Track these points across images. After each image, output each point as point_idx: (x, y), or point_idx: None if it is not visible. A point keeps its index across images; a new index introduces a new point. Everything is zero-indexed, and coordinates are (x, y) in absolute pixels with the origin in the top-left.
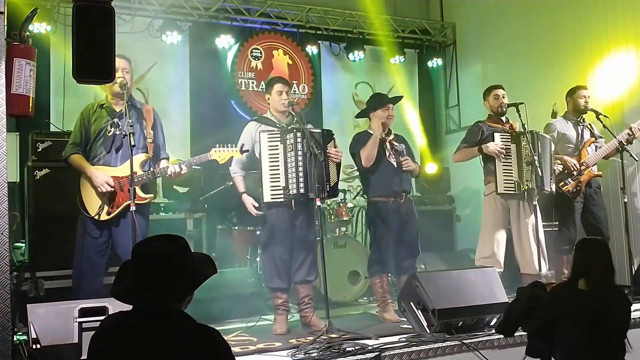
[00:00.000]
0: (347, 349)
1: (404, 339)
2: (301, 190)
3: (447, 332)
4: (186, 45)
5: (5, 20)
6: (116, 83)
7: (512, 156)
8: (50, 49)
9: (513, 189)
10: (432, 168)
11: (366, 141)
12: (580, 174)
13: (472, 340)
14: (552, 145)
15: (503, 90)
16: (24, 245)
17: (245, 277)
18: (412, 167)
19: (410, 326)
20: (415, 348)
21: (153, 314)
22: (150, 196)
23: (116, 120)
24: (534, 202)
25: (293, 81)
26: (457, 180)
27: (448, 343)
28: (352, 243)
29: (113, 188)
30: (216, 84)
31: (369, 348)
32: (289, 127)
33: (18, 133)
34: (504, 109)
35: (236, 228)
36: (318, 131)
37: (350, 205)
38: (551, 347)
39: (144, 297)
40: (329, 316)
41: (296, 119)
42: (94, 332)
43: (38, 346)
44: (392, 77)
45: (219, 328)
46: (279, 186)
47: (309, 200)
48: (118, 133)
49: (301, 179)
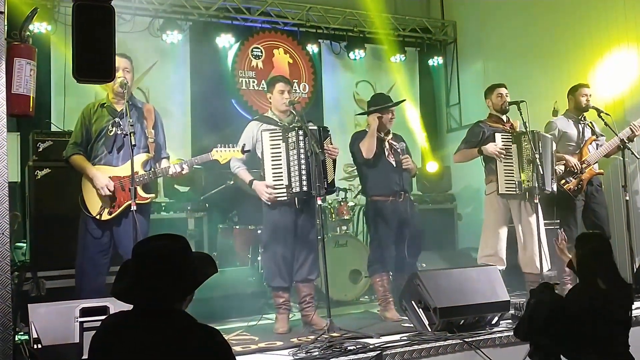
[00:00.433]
0: (349, 348)
1: (406, 338)
2: (304, 188)
3: (449, 331)
4: (187, 44)
5: (5, 20)
6: (117, 82)
7: (513, 156)
8: (50, 49)
9: (514, 189)
10: (433, 167)
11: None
12: (581, 172)
13: (474, 338)
14: (554, 144)
15: (506, 88)
16: (26, 245)
17: (246, 276)
18: (412, 166)
19: (411, 325)
20: (416, 347)
21: (154, 314)
22: (151, 196)
23: (117, 119)
24: (535, 201)
25: (294, 80)
26: (458, 178)
27: (449, 342)
28: (353, 242)
29: (113, 192)
30: (217, 83)
31: (371, 347)
32: (291, 126)
33: (19, 133)
34: (507, 107)
35: (237, 227)
36: (315, 128)
37: (351, 204)
38: (555, 349)
39: (145, 297)
40: (330, 315)
41: (297, 118)
42: (95, 332)
43: (39, 346)
44: (393, 76)
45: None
46: (282, 185)
47: (311, 198)
48: (119, 132)
49: (304, 177)
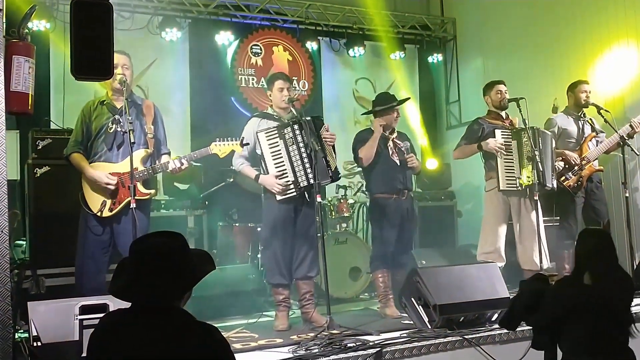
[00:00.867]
0: (349, 345)
1: (405, 335)
2: (310, 181)
3: (449, 328)
4: (186, 42)
5: (3, 17)
6: (116, 79)
7: (513, 152)
8: (49, 47)
9: (515, 186)
10: (433, 164)
11: (368, 140)
12: (581, 169)
13: (474, 335)
14: (553, 141)
15: (504, 85)
16: (25, 242)
17: (246, 274)
18: (416, 165)
19: (411, 322)
20: (416, 344)
21: (152, 311)
22: (151, 191)
23: (117, 117)
24: (535, 198)
25: (293, 77)
26: (458, 175)
27: (449, 338)
28: (353, 239)
29: (116, 182)
30: (216, 81)
31: (370, 344)
32: (285, 122)
33: (18, 131)
34: (506, 104)
35: (237, 225)
36: (308, 119)
37: (351, 201)
38: (556, 342)
39: (143, 294)
40: (330, 312)
41: (297, 116)
42: (93, 330)
43: (39, 344)
44: (393, 73)
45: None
46: (289, 181)
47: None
48: (119, 130)
49: (308, 170)
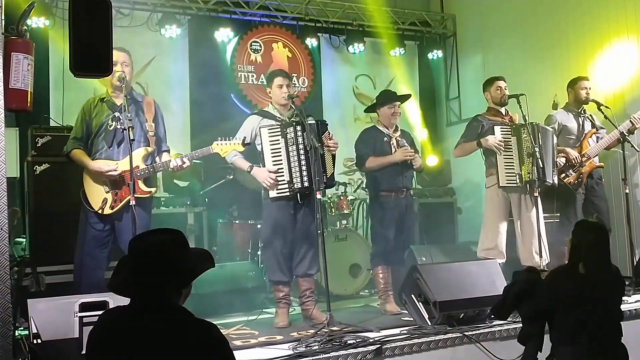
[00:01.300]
0: (349, 342)
1: (405, 332)
2: (305, 183)
3: (449, 324)
4: (185, 38)
5: (2, 14)
6: (115, 76)
7: (513, 149)
8: (49, 44)
9: (515, 182)
10: (433, 160)
11: (374, 141)
12: (581, 166)
13: (474, 332)
14: (555, 138)
15: (504, 81)
16: (25, 240)
17: (246, 271)
18: (419, 163)
19: (411, 318)
20: (416, 340)
21: (151, 308)
22: (152, 189)
23: (117, 114)
24: (535, 194)
25: (293, 74)
26: (458, 172)
27: (449, 335)
28: (353, 236)
29: (119, 171)
30: (216, 78)
31: (370, 341)
32: (290, 121)
33: (17, 128)
34: (506, 100)
35: (237, 222)
36: (313, 122)
37: (350, 198)
38: (543, 333)
39: (140, 291)
40: (330, 309)
41: (296, 112)
42: (92, 327)
43: (39, 341)
44: (393, 70)
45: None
46: (284, 180)
47: (311, 193)
48: (119, 127)
49: (304, 172)
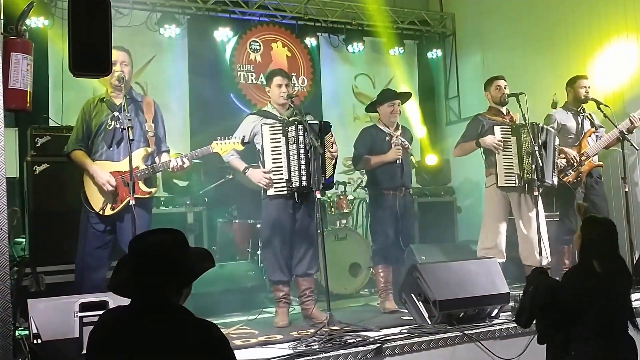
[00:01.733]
0: (349, 341)
1: (405, 331)
2: (303, 183)
3: (449, 323)
4: (184, 38)
5: (1, 14)
6: (114, 76)
7: (512, 148)
8: (48, 43)
9: (514, 182)
10: (433, 159)
11: (373, 140)
12: (580, 165)
13: (474, 331)
14: (557, 139)
15: (504, 80)
16: (25, 240)
17: (246, 270)
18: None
19: (411, 317)
20: (416, 339)
21: (151, 308)
22: (153, 190)
23: (116, 113)
24: (535, 194)
25: (292, 73)
26: (458, 171)
27: (449, 334)
28: (353, 235)
29: (115, 187)
30: (215, 77)
31: (370, 340)
32: (291, 120)
33: (17, 128)
34: (506, 100)
35: (237, 221)
36: (316, 122)
37: (350, 197)
38: (568, 337)
39: (140, 291)
40: (330, 308)
41: (296, 112)
42: (93, 327)
43: (39, 341)
44: (392, 69)
45: (220, 321)
46: (282, 179)
47: (310, 192)
48: (118, 127)
49: (303, 172)
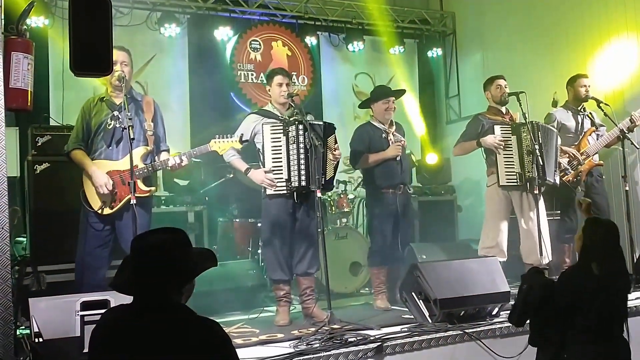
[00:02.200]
0: (349, 340)
1: (406, 329)
2: (302, 182)
3: (449, 322)
4: (185, 37)
5: (2, 13)
6: (114, 76)
7: (513, 148)
8: (48, 43)
9: (515, 181)
10: (433, 158)
11: (369, 137)
12: (579, 164)
13: (474, 329)
14: (559, 138)
15: (504, 80)
16: (25, 239)
17: (247, 269)
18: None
19: (412, 316)
20: (417, 338)
21: (153, 307)
22: (152, 189)
23: (116, 113)
24: (536, 192)
25: (292, 73)
26: (458, 170)
27: (450, 333)
28: (353, 234)
29: (111, 190)
30: (215, 76)
31: (371, 338)
32: (291, 119)
33: (17, 127)
34: (506, 99)
35: (237, 220)
36: (320, 123)
37: (351, 196)
38: (563, 334)
39: (141, 290)
40: (331, 307)
41: (296, 111)
42: (95, 326)
43: (40, 340)
44: (392, 68)
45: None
46: (282, 178)
47: (310, 192)
48: (118, 126)
49: (303, 171)
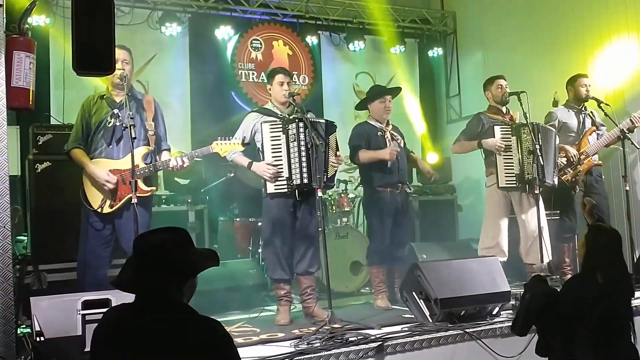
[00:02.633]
0: (350, 339)
1: (407, 329)
2: (304, 180)
3: (450, 322)
4: (186, 36)
5: (4, 12)
6: (116, 74)
7: (513, 148)
8: (49, 42)
9: (514, 183)
10: (433, 158)
11: (368, 135)
12: (579, 164)
13: (475, 329)
14: (557, 138)
15: (505, 80)
16: (27, 238)
17: (247, 269)
18: (428, 169)
19: (412, 316)
20: (417, 337)
21: (154, 306)
22: (152, 188)
23: (116, 111)
24: (536, 192)
25: (293, 72)
26: (459, 170)
27: (450, 332)
28: (354, 233)
29: (116, 185)
30: (216, 76)
31: (372, 338)
32: (291, 117)
33: (19, 126)
34: (506, 99)
35: (238, 219)
36: (321, 121)
37: (351, 195)
38: (568, 342)
39: (142, 290)
40: (332, 306)
41: (297, 110)
42: (97, 325)
43: (42, 339)
44: (393, 67)
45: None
46: (283, 177)
47: (311, 191)
48: (118, 124)
49: (304, 170)
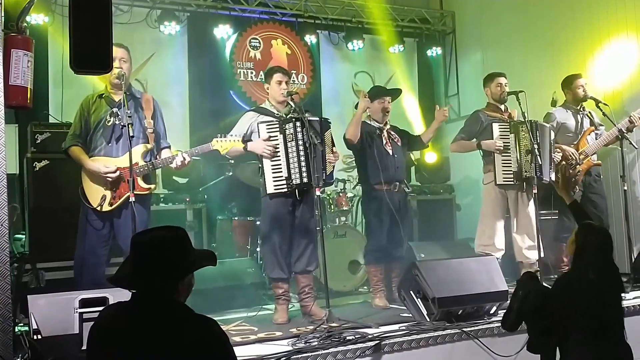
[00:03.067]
0: (348, 338)
1: (404, 328)
2: (304, 179)
3: (447, 321)
4: (184, 35)
5: (2, 11)
6: (114, 73)
7: (511, 146)
8: (48, 40)
9: (512, 180)
10: (432, 157)
11: (365, 132)
12: (578, 163)
13: (472, 328)
14: (552, 134)
15: (505, 78)
16: (25, 236)
17: (245, 267)
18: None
19: (410, 315)
20: (415, 336)
21: (150, 305)
22: (151, 186)
23: (115, 109)
24: (534, 191)
25: (292, 71)
26: (457, 169)
27: (448, 331)
28: (352, 232)
29: (117, 173)
30: (215, 74)
31: (369, 337)
32: (288, 117)
33: (17, 124)
34: (505, 97)
35: (236, 218)
36: (316, 119)
37: (350, 194)
38: (560, 340)
39: (139, 288)
40: (329, 305)
41: (294, 109)
42: (93, 323)
43: (39, 337)
44: (392, 67)
45: (220, 318)
46: (282, 177)
47: (310, 189)
48: (117, 123)
49: (303, 169)
